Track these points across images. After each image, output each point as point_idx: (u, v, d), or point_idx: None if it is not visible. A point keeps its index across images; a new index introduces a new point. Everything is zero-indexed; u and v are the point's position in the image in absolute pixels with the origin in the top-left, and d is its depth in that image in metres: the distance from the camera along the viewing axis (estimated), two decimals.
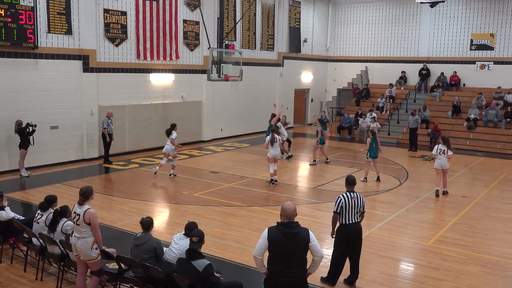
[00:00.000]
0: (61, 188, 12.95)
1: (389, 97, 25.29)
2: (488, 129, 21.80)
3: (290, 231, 5.26)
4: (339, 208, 7.21)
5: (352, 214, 7.21)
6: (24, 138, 14.12)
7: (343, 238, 7.30)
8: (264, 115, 24.71)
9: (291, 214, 5.34)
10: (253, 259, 5.51)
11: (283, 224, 5.33)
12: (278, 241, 5.26)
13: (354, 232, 7.30)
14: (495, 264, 8.53)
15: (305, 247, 5.35)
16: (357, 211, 7.28)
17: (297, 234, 5.29)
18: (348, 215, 7.20)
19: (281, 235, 5.27)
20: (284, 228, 5.29)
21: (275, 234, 5.30)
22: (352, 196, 7.27)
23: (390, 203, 12.37)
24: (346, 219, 7.22)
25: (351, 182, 7.47)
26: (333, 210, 7.29)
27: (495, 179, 15.46)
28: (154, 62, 18.75)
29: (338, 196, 7.35)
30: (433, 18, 25.82)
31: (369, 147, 14.38)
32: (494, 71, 24.33)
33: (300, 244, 5.31)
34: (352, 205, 7.21)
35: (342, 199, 7.22)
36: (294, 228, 5.30)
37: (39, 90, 15.12)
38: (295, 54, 26.67)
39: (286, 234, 5.25)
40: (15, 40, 14.08)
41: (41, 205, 7.87)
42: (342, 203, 7.20)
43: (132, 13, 17.71)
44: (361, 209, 7.35)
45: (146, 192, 13.07)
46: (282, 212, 5.40)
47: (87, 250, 6.47)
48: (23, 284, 7.44)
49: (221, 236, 9.64)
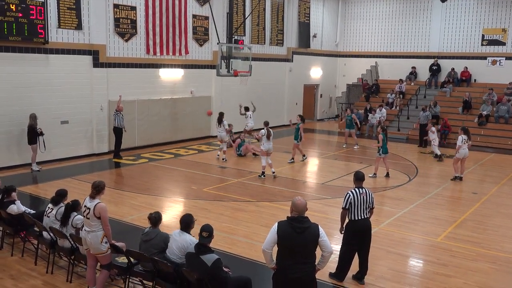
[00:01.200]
0: (71, 183, 13.05)
1: (399, 93, 25.13)
2: (499, 125, 21.60)
3: (300, 226, 5.25)
4: (348, 204, 7.20)
5: (361, 210, 7.21)
6: (33, 135, 14.24)
7: (352, 234, 7.29)
8: (273, 110, 24.78)
9: (301, 209, 5.33)
10: (262, 253, 5.49)
11: (293, 218, 5.32)
12: (288, 236, 5.25)
13: (364, 228, 7.31)
14: (505, 261, 8.47)
15: (314, 242, 5.33)
16: (366, 207, 7.27)
17: (307, 229, 5.27)
18: (357, 211, 7.20)
19: (290, 229, 5.25)
20: (294, 223, 5.27)
21: (285, 228, 5.28)
22: (361, 192, 7.26)
23: (399, 199, 12.32)
24: (355, 215, 7.21)
25: (360, 178, 7.46)
26: (342, 207, 7.29)
27: (506, 175, 15.33)
28: (163, 57, 18.79)
29: (347, 192, 7.33)
30: (444, 13, 25.59)
31: (382, 143, 14.32)
32: (506, 67, 24.07)
33: (309, 239, 5.29)
34: (361, 201, 7.20)
35: (351, 195, 7.21)
36: (304, 223, 5.29)
37: (49, 85, 15.22)
38: (304, 49, 26.58)
39: (295, 228, 5.24)
40: (26, 35, 14.17)
41: (52, 199, 7.94)
42: (351, 199, 7.19)
43: (141, 8, 17.74)
44: (370, 205, 7.35)
45: (155, 186, 13.13)
46: (292, 207, 5.38)
47: (97, 244, 6.52)
48: (33, 277, 7.52)
49: (230, 231, 9.67)
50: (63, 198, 7.91)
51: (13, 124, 14.44)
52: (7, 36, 13.80)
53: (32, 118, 14.27)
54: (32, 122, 14.23)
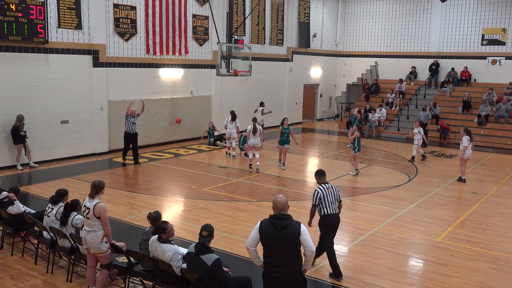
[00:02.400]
0: (71, 182, 13.05)
1: (398, 93, 25.14)
2: (499, 125, 21.60)
3: (280, 223, 5.28)
4: (318, 200, 7.46)
5: (331, 204, 7.49)
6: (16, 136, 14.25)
7: (327, 228, 7.56)
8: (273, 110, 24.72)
9: (282, 206, 5.37)
10: (247, 250, 5.55)
11: (274, 216, 5.37)
12: (269, 233, 5.29)
13: (335, 221, 7.63)
14: (505, 261, 8.47)
15: (295, 240, 5.30)
16: (335, 201, 7.56)
17: (287, 226, 5.28)
18: (327, 206, 7.47)
19: (271, 226, 5.30)
20: (275, 220, 5.32)
21: (266, 226, 5.35)
22: (327, 187, 7.57)
23: (399, 199, 12.32)
24: (326, 209, 7.48)
25: (323, 174, 7.80)
26: (312, 203, 7.54)
27: (506, 175, 15.33)
28: (163, 57, 18.78)
29: (315, 189, 7.58)
30: (444, 12, 25.59)
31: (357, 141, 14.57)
32: (506, 67, 24.07)
33: (289, 237, 5.27)
34: (329, 195, 7.49)
35: (320, 192, 7.48)
36: (284, 220, 5.31)
37: (49, 84, 15.22)
38: (304, 49, 26.58)
39: (276, 225, 5.28)
40: (26, 35, 14.17)
41: (51, 198, 7.94)
42: (320, 195, 7.46)
43: (141, 7, 17.74)
44: (337, 198, 7.64)
45: (155, 186, 13.13)
46: (273, 205, 5.43)
47: (97, 244, 6.52)
48: (34, 277, 7.52)
49: (229, 231, 9.67)
50: (63, 197, 7.91)
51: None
52: (7, 36, 13.80)
53: (19, 119, 14.23)
54: (17, 123, 14.21)
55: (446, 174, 15.30)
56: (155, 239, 6.31)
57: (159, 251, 6.21)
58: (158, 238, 6.29)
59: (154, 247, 6.30)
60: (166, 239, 6.27)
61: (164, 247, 6.19)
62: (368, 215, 10.91)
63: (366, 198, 12.33)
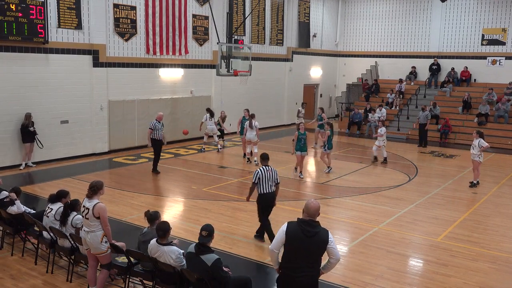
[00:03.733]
0: (71, 182, 13.05)
1: (398, 93, 25.14)
2: (499, 125, 21.60)
3: (310, 230, 5.07)
4: (257, 179, 8.67)
5: (268, 185, 8.68)
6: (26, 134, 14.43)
7: (262, 204, 8.80)
8: (273, 110, 24.80)
9: (313, 212, 5.16)
10: (269, 253, 5.34)
11: (303, 221, 5.14)
12: (296, 238, 5.08)
13: (270, 199, 8.80)
14: (505, 261, 8.48)
15: (322, 248, 5.14)
16: (272, 182, 8.72)
17: (317, 234, 5.08)
18: (265, 185, 8.67)
19: (300, 231, 5.07)
20: (304, 226, 5.10)
21: (294, 229, 5.12)
22: (267, 169, 8.73)
23: (399, 199, 12.32)
24: (263, 189, 8.67)
25: (266, 158, 9.02)
26: (252, 181, 8.75)
27: (506, 175, 15.33)
28: (163, 57, 18.78)
29: (256, 170, 8.78)
30: (444, 12, 25.59)
31: (327, 139, 14.74)
32: (506, 67, 24.06)
33: (318, 244, 5.11)
34: (268, 177, 8.67)
35: (259, 172, 8.69)
36: (314, 227, 5.11)
37: (49, 84, 15.22)
38: (304, 49, 26.57)
39: (305, 231, 5.06)
40: (26, 35, 14.16)
41: (50, 198, 7.94)
42: (259, 175, 8.66)
43: (141, 7, 17.74)
44: (275, 180, 8.79)
45: (155, 186, 13.13)
46: (305, 209, 5.21)
47: (96, 244, 6.52)
48: (34, 277, 7.52)
49: (229, 231, 9.67)
50: (61, 198, 7.89)
51: (14, 124, 14.45)
52: (7, 36, 13.80)
53: (27, 117, 14.40)
54: (25, 121, 14.35)
55: (446, 174, 15.31)
56: (155, 243, 6.27)
57: (161, 254, 6.19)
58: (157, 241, 6.24)
59: (155, 251, 6.26)
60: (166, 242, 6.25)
61: (166, 249, 6.18)
62: (368, 215, 10.91)
63: (366, 198, 12.33)
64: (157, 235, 6.28)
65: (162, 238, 6.24)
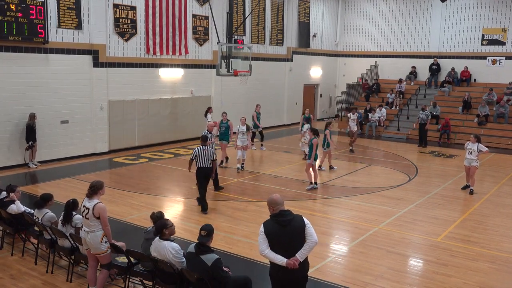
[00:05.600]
0: (71, 182, 13.05)
1: (398, 93, 25.14)
2: (499, 125, 21.59)
3: (283, 219, 5.27)
4: (194, 156, 10.62)
5: (204, 160, 10.59)
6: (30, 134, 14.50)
7: (199, 175, 10.72)
8: (273, 110, 24.79)
9: (281, 201, 5.37)
10: (264, 257, 5.39)
11: (275, 214, 5.35)
12: (275, 232, 5.26)
13: (206, 172, 10.69)
14: (505, 261, 8.47)
15: (302, 232, 5.29)
16: (208, 159, 10.59)
17: (292, 220, 5.28)
18: (201, 161, 10.60)
19: (276, 225, 5.27)
20: (278, 217, 5.30)
21: (271, 226, 5.31)
22: (204, 148, 10.62)
23: (399, 198, 12.32)
24: (200, 163, 10.62)
25: (204, 139, 10.88)
26: (190, 158, 10.70)
27: (505, 175, 15.33)
28: (163, 57, 18.78)
29: (194, 148, 10.72)
30: (444, 12, 25.58)
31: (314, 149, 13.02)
32: (506, 67, 24.06)
33: (296, 230, 5.27)
34: (204, 154, 10.57)
35: (197, 150, 10.62)
36: (287, 216, 5.31)
37: (49, 84, 15.22)
38: (304, 49, 26.58)
39: (280, 222, 5.26)
40: (26, 35, 14.16)
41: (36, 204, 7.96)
42: (196, 152, 10.61)
43: (141, 7, 17.74)
44: (211, 157, 10.62)
45: (155, 186, 13.13)
46: (271, 203, 5.39)
47: (96, 244, 6.52)
48: (34, 277, 7.52)
49: (229, 231, 9.67)
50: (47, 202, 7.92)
51: (14, 124, 14.45)
52: (7, 36, 13.80)
53: (31, 117, 14.45)
54: (30, 122, 14.41)
55: (446, 174, 15.30)
56: (157, 239, 6.31)
57: (161, 249, 6.20)
58: (160, 237, 6.29)
59: (155, 247, 6.29)
60: (167, 237, 6.29)
61: (166, 244, 6.20)
62: (368, 215, 10.91)
63: (366, 198, 12.32)
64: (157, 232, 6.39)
65: (162, 235, 6.30)
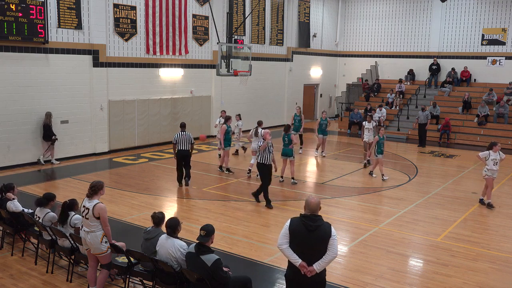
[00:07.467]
0: (71, 182, 13.05)
1: (398, 93, 25.14)
2: (499, 125, 21.60)
3: (312, 224, 5.15)
4: (175, 140, 12.60)
5: (183, 143, 12.56)
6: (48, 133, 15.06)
7: (179, 158, 12.64)
8: (273, 110, 24.79)
9: (314, 208, 5.24)
10: (280, 251, 5.30)
11: (305, 216, 5.23)
12: (300, 233, 5.16)
13: (185, 154, 12.64)
14: (505, 261, 8.47)
15: (325, 241, 5.18)
16: (187, 143, 12.55)
17: (319, 227, 5.16)
18: (180, 145, 12.56)
19: (302, 226, 5.17)
20: (307, 220, 5.18)
21: (297, 225, 5.20)
22: (183, 134, 12.57)
23: (399, 199, 12.32)
24: (179, 146, 12.56)
25: (182, 126, 12.86)
26: (172, 142, 12.71)
27: (506, 175, 15.33)
28: (163, 57, 18.78)
29: (175, 133, 12.66)
30: (444, 12, 25.60)
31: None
32: (506, 67, 24.08)
33: (321, 238, 5.16)
34: (182, 139, 12.53)
35: (176, 136, 12.60)
36: (316, 221, 5.18)
37: (49, 84, 15.22)
38: (304, 49, 26.58)
39: (307, 226, 5.15)
40: (26, 35, 14.16)
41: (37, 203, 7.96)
42: (176, 137, 12.59)
43: (141, 7, 17.74)
44: (190, 142, 12.59)
45: (155, 186, 13.13)
46: (305, 205, 5.30)
47: (96, 244, 6.51)
48: (34, 277, 7.52)
49: (229, 231, 9.66)
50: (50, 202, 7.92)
51: (14, 124, 14.45)
52: (7, 36, 13.80)
53: (48, 116, 14.96)
54: (46, 121, 14.91)
55: (446, 174, 15.31)
56: (165, 236, 6.36)
57: (169, 246, 6.20)
58: (171, 235, 6.32)
59: (162, 244, 6.31)
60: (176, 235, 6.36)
61: (175, 242, 6.23)
62: (368, 215, 10.91)
63: (366, 198, 12.33)
64: (167, 232, 6.39)
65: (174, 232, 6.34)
